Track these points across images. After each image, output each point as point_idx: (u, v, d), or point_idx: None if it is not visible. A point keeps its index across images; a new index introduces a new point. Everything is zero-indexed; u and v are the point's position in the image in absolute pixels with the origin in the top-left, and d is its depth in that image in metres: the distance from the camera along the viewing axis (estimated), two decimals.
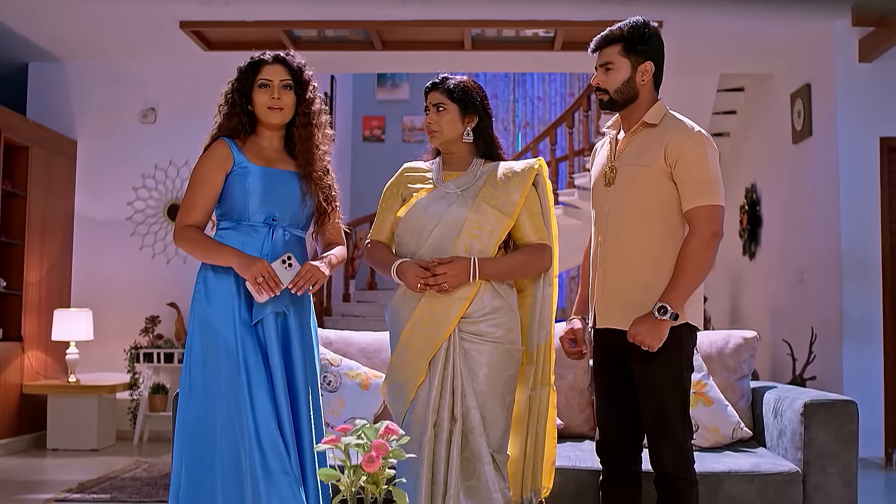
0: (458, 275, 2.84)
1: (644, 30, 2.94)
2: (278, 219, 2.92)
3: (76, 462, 6.15)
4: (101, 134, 7.44)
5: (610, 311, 2.96)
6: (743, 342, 3.90)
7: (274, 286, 2.78)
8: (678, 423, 2.88)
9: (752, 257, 8.25)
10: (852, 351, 6.30)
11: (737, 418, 3.69)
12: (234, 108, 2.94)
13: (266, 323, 2.84)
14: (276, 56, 2.97)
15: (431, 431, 2.83)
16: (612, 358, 3.00)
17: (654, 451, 2.91)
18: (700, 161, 2.86)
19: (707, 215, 2.84)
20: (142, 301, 7.19)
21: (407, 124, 12.36)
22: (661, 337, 2.80)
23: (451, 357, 2.88)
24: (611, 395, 3.04)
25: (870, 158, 6.40)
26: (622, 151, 2.99)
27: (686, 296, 2.83)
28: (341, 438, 1.91)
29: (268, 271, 2.78)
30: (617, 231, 2.95)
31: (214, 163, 2.91)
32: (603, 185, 3.01)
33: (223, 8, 6.32)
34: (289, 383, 2.87)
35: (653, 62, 2.95)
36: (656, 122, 2.95)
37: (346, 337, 4.06)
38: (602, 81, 2.98)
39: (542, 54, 7.35)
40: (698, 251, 2.83)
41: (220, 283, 2.87)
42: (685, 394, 2.92)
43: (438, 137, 3.03)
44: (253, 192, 2.88)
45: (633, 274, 2.92)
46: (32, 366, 6.80)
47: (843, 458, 3.32)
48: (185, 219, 2.92)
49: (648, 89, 2.97)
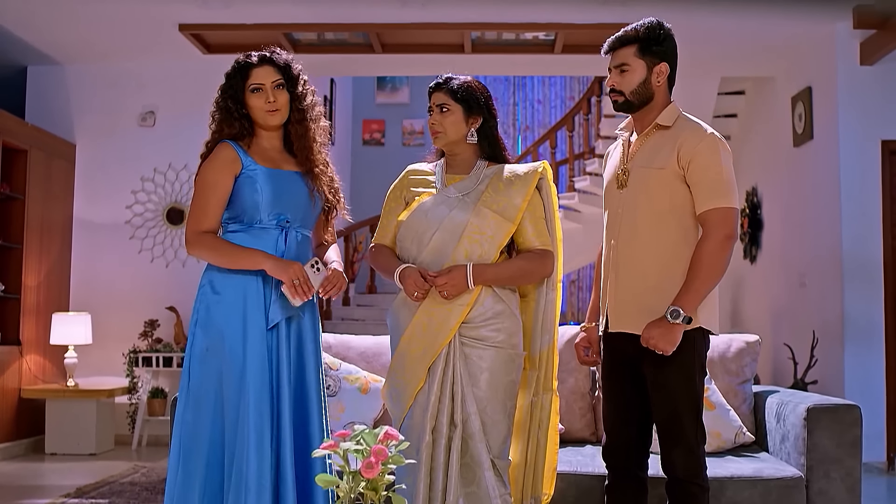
0: (457, 284, 2.82)
1: (659, 31, 2.92)
2: (291, 220, 2.90)
3: (74, 467, 6.12)
4: (99, 137, 7.42)
5: (622, 315, 2.92)
6: (745, 346, 3.87)
7: (308, 290, 2.78)
8: (691, 427, 2.85)
9: (752, 261, 8.23)
10: (854, 355, 6.28)
11: (739, 423, 3.66)
12: (230, 114, 2.89)
13: (280, 326, 2.82)
14: (262, 57, 2.92)
15: (429, 437, 2.80)
16: (623, 362, 2.97)
17: (666, 455, 2.88)
18: (713, 163, 2.83)
19: (721, 218, 2.82)
20: (141, 305, 7.16)
21: (407, 128, 12.34)
22: (674, 341, 2.77)
23: (452, 362, 2.85)
24: (620, 398, 3.00)
25: (871, 161, 6.38)
26: (635, 154, 2.96)
27: (700, 299, 2.81)
28: (340, 444, 1.89)
29: (304, 274, 2.77)
30: (630, 234, 2.92)
31: (222, 166, 2.87)
32: (616, 188, 2.98)
33: (222, 11, 6.30)
34: (302, 386, 2.86)
35: (668, 63, 2.93)
36: (669, 123, 2.92)
37: (346, 341, 4.04)
38: (617, 83, 2.94)
39: (542, 57, 7.33)
40: (712, 254, 2.81)
41: (228, 285, 2.83)
42: (698, 398, 2.89)
43: (442, 138, 3.00)
44: (264, 195, 2.85)
45: (645, 277, 2.88)
46: (31, 370, 6.77)
47: (846, 463, 3.30)
48: (198, 224, 2.86)
49: (663, 91, 2.95)
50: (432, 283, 2.83)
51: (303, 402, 2.86)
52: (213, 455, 2.76)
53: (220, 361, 2.78)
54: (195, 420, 2.78)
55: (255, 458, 2.68)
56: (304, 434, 2.84)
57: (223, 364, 2.77)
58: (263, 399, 2.74)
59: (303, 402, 2.86)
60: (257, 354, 2.76)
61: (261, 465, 2.68)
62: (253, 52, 2.95)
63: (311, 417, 2.85)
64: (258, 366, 2.75)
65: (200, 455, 2.76)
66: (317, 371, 2.91)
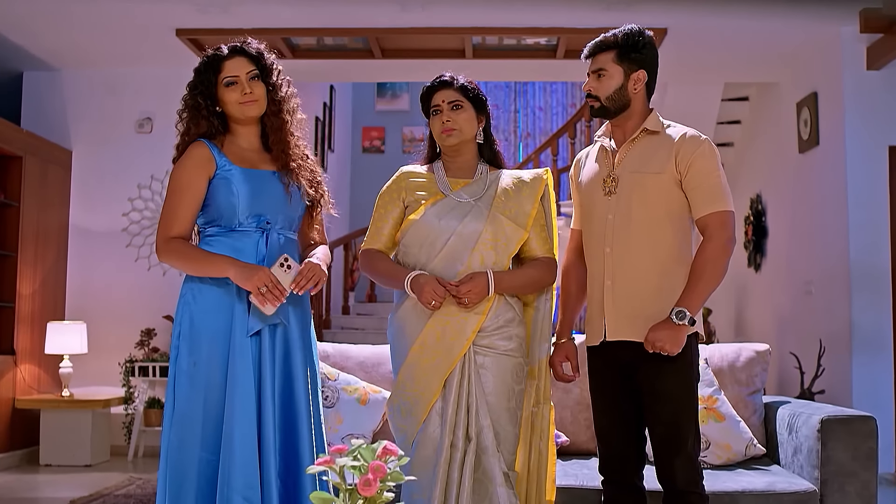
0: (480, 292, 2.76)
1: (638, 37, 2.90)
2: (271, 222, 2.76)
3: (69, 478, 6.02)
4: (96, 143, 7.33)
5: (622, 323, 2.86)
6: (755, 355, 3.78)
7: (279, 294, 2.62)
8: (690, 435, 2.80)
9: (757, 269, 8.14)
10: (862, 364, 6.17)
11: (749, 435, 3.56)
12: (198, 111, 2.74)
13: (263, 334, 2.69)
14: (233, 48, 2.78)
15: (448, 452, 2.71)
16: (617, 371, 2.90)
17: (665, 465, 2.81)
18: (713, 168, 2.84)
19: (721, 221, 2.81)
20: (137, 314, 7.06)
21: (407, 135, 12.29)
22: (680, 343, 2.73)
23: (467, 373, 2.77)
24: (616, 409, 2.93)
25: (879, 167, 6.29)
26: (623, 160, 2.91)
27: (702, 302, 2.78)
28: (336, 460, 1.79)
29: (271, 279, 2.60)
30: (624, 240, 2.87)
31: (195, 165, 2.72)
32: (602, 195, 2.93)
33: (220, 16, 6.22)
34: (290, 398, 2.72)
35: (646, 71, 2.91)
36: (658, 129, 2.90)
37: (344, 350, 3.94)
38: (594, 88, 2.92)
39: (544, 62, 7.25)
40: (715, 257, 2.79)
41: (209, 295, 2.69)
42: (697, 405, 2.85)
43: (457, 136, 2.91)
44: (241, 196, 2.71)
45: (644, 283, 2.84)
46: (25, 380, 6.68)
47: (861, 477, 3.21)
48: (167, 230, 2.71)
49: (640, 98, 2.93)
50: (454, 291, 2.74)
51: (292, 415, 2.72)
52: (202, 477, 2.62)
53: (204, 376, 2.64)
54: (181, 442, 2.65)
55: (241, 476, 2.56)
56: (294, 449, 2.71)
57: (208, 379, 2.64)
58: (250, 413, 2.61)
59: (292, 416, 2.72)
60: (242, 366, 2.63)
61: (247, 482, 2.56)
62: (223, 44, 2.80)
63: (299, 431, 2.71)
64: (243, 377, 2.62)
65: (189, 479, 2.63)
66: (307, 382, 2.76)
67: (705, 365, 3.68)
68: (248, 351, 2.65)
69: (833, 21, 6.21)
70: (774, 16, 6.17)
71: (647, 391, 2.83)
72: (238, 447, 2.58)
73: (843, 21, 6.18)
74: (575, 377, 3.05)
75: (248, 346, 2.65)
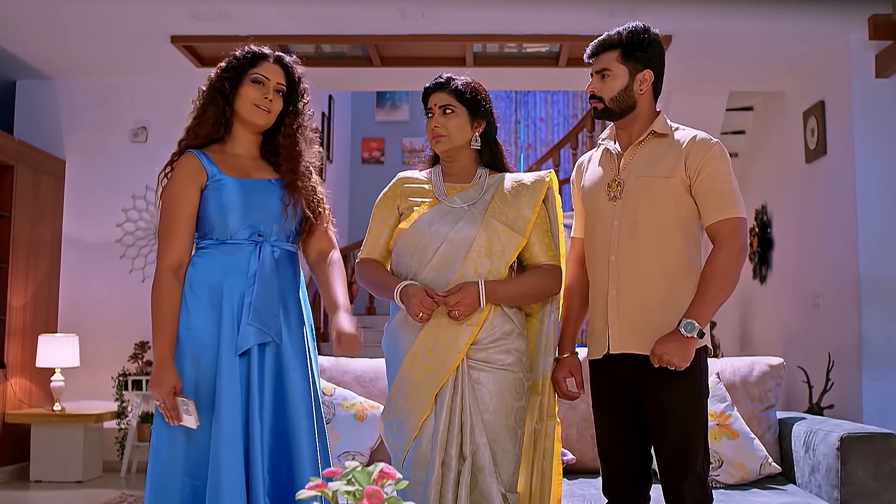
0: (470, 303, 2.61)
1: (644, 35, 2.76)
2: (264, 234, 2.65)
3: (60, 495, 5.89)
4: (90, 153, 7.21)
5: (626, 335, 2.71)
6: (769, 369, 3.65)
7: (173, 417, 2.50)
8: (699, 455, 2.65)
9: (762, 281, 8.02)
10: (872, 379, 6.03)
11: (764, 452, 3.42)
12: (215, 104, 2.67)
13: (252, 354, 2.56)
14: (279, 57, 2.74)
15: (438, 472, 2.55)
16: (620, 386, 2.75)
17: (674, 486, 2.66)
18: (724, 173, 2.71)
19: (733, 228, 2.67)
20: (130, 326, 6.89)
21: (407, 146, 12.18)
22: (689, 356, 2.59)
23: (460, 388, 2.62)
24: (620, 426, 2.78)
25: (888, 177, 6.16)
26: (629, 163, 2.77)
27: (712, 313, 2.64)
28: (329, 484, 1.65)
29: (172, 400, 2.47)
30: (631, 247, 2.71)
31: (185, 176, 2.64)
32: (606, 200, 2.78)
33: (216, 23, 6.11)
34: (286, 418, 2.58)
35: (652, 70, 2.76)
36: (666, 131, 2.76)
37: (341, 364, 3.80)
38: (598, 89, 2.78)
39: (546, 71, 7.15)
40: (727, 266, 2.65)
41: (196, 314, 2.58)
42: (706, 423, 2.70)
43: (446, 142, 2.77)
44: (232, 207, 2.62)
45: (651, 293, 2.69)
46: (16, 393, 6.54)
47: (883, 497, 3.08)
48: (166, 253, 2.61)
49: (647, 99, 2.78)
50: (442, 302, 2.60)
51: (286, 437, 2.58)
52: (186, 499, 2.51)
53: (190, 394, 2.52)
54: (168, 460, 2.53)
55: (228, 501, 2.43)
56: (289, 471, 2.57)
57: (199, 395, 2.53)
58: (236, 438, 2.49)
59: (285, 436, 2.58)
60: (228, 385, 2.51)
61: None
62: (269, 49, 2.76)
63: (296, 453, 2.57)
64: (228, 400, 2.50)
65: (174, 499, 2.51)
66: (306, 402, 2.62)
67: (717, 380, 3.55)
68: (235, 371, 2.54)
69: (841, 28, 6.11)
70: (781, 22, 6.06)
71: (653, 408, 2.69)
72: (225, 472, 2.46)
73: (852, 28, 6.07)
74: (580, 394, 2.90)
75: (236, 367, 2.54)
